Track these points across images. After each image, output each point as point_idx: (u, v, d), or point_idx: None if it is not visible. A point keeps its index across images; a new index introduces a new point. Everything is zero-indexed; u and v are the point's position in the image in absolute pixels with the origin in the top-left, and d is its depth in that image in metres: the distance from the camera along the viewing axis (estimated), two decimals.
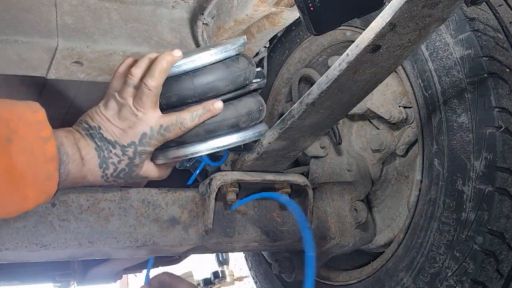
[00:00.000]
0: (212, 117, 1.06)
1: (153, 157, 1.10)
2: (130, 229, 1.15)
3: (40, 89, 1.65)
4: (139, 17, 1.43)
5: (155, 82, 1.01)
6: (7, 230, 1.03)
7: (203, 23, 1.43)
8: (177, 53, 1.04)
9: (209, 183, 1.22)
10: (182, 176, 1.32)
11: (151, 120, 1.03)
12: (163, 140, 1.05)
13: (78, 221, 1.10)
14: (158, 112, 1.04)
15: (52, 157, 0.93)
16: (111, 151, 1.03)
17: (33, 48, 1.29)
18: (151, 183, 2.11)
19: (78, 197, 1.12)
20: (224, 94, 1.07)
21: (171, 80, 1.04)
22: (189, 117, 1.05)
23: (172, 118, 1.04)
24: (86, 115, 1.06)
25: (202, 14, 1.41)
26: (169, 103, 1.06)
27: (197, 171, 1.28)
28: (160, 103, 1.04)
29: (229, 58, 1.06)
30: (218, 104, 1.05)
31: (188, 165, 1.27)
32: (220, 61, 1.05)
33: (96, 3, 1.37)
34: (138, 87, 1.02)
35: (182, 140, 1.08)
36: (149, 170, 1.10)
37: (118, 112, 1.04)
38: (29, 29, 1.28)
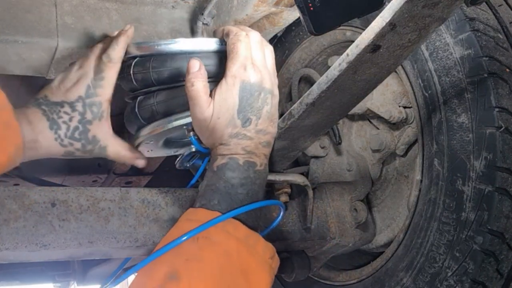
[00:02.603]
0: (128, 38, 1.11)
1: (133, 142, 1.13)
2: (130, 229, 1.15)
3: (40, 89, 1.65)
4: (139, 17, 1.43)
5: (113, 54, 1.08)
6: (7, 230, 1.03)
7: (203, 23, 1.43)
8: (131, 31, 1.13)
9: None
10: (182, 176, 1.32)
11: (92, 74, 1.08)
12: (108, 86, 1.08)
13: (78, 221, 1.10)
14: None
15: (4, 106, 0.93)
16: (59, 111, 1.06)
17: (33, 48, 1.29)
18: (151, 183, 2.11)
19: (78, 197, 1.12)
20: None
21: (166, 57, 1.06)
22: (111, 48, 1.09)
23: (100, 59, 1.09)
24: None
25: (202, 14, 1.41)
26: (160, 78, 1.07)
27: (199, 173, 1.28)
28: (151, 78, 1.07)
29: (224, 51, 1.07)
30: (129, 29, 1.12)
31: (188, 165, 1.26)
32: (216, 51, 1.07)
33: (96, 3, 1.37)
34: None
35: (152, 116, 1.09)
36: (108, 140, 1.11)
37: (63, 76, 1.09)
38: (29, 29, 1.28)
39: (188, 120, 1.06)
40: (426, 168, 1.23)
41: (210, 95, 1.00)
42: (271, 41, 1.59)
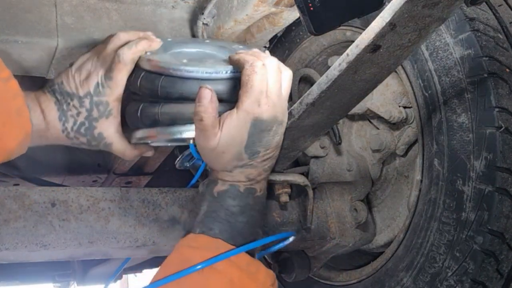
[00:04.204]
0: (149, 47, 1.08)
1: (128, 136, 1.12)
2: (130, 229, 1.15)
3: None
4: (139, 17, 1.43)
5: (125, 56, 1.05)
6: (7, 230, 1.03)
7: (203, 23, 1.43)
8: (156, 45, 1.09)
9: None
10: (182, 176, 1.32)
11: (103, 71, 1.06)
12: (116, 87, 1.06)
13: (78, 221, 1.10)
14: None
15: (17, 93, 0.95)
16: (69, 104, 1.05)
17: (33, 48, 1.29)
18: (151, 183, 2.11)
19: (78, 197, 1.12)
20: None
21: (177, 80, 1.03)
22: (127, 47, 1.06)
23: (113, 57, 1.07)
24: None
25: (202, 14, 1.40)
26: (168, 98, 1.05)
27: (199, 173, 1.28)
28: (158, 95, 1.04)
29: (238, 78, 1.05)
30: (156, 42, 1.09)
31: (188, 165, 1.26)
32: (230, 78, 1.04)
33: (96, 3, 1.37)
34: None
35: (154, 123, 1.07)
36: (114, 138, 1.09)
37: (81, 62, 1.08)
38: (29, 29, 1.28)
39: (191, 135, 1.04)
40: (426, 168, 1.23)
41: (219, 121, 0.97)
42: (271, 41, 1.59)
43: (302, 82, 1.65)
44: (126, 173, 2.01)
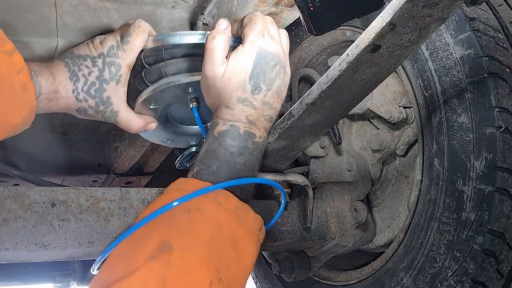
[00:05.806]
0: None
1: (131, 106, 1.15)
2: None
3: None
4: (139, 17, 1.42)
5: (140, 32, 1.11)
6: (7, 230, 1.03)
7: (203, 23, 1.43)
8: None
9: None
10: (182, 176, 1.31)
11: (119, 36, 1.11)
12: (130, 51, 1.09)
13: (78, 221, 1.10)
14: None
15: (21, 68, 0.96)
16: (81, 64, 1.08)
17: (33, 48, 1.29)
18: (151, 183, 2.11)
19: (78, 197, 1.12)
20: None
21: (183, 45, 1.09)
22: (145, 22, 1.11)
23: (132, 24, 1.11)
24: None
25: (202, 14, 1.40)
26: (173, 57, 1.10)
27: None
28: (163, 57, 1.09)
29: (233, 46, 1.08)
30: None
31: (188, 165, 1.26)
32: (231, 46, 1.07)
33: (96, 3, 1.37)
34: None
35: (159, 78, 1.10)
36: (121, 106, 1.12)
37: (95, 36, 1.12)
38: (29, 29, 1.28)
39: (196, 79, 1.07)
40: (426, 168, 1.23)
41: (227, 57, 1.01)
42: None
43: (302, 82, 1.65)
44: (126, 173, 2.01)
